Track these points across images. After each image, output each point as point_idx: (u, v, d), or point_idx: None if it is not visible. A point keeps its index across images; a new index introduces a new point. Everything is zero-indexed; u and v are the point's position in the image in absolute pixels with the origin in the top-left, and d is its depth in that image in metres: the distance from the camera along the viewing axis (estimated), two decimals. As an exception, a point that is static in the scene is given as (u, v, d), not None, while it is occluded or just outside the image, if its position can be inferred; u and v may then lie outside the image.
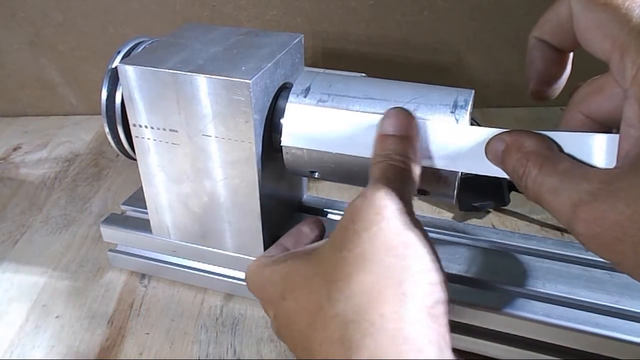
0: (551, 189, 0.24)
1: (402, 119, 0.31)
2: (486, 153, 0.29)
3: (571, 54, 0.29)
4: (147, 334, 0.42)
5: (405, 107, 0.35)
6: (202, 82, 0.35)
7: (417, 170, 0.30)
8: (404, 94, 0.35)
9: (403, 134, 0.31)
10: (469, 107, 0.34)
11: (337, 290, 0.24)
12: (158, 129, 0.38)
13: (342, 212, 0.47)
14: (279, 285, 0.28)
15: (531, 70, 0.29)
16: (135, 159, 0.41)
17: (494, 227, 0.52)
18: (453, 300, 0.27)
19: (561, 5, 0.26)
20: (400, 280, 0.24)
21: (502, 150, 0.28)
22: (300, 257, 0.28)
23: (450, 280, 0.40)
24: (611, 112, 0.26)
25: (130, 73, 0.36)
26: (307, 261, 0.27)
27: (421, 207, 0.55)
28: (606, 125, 0.27)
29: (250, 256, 0.42)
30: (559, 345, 0.36)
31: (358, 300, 0.23)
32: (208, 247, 0.43)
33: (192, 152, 0.38)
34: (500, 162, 0.28)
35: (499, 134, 0.29)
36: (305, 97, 0.37)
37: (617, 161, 0.24)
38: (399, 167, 0.29)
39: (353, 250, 0.25)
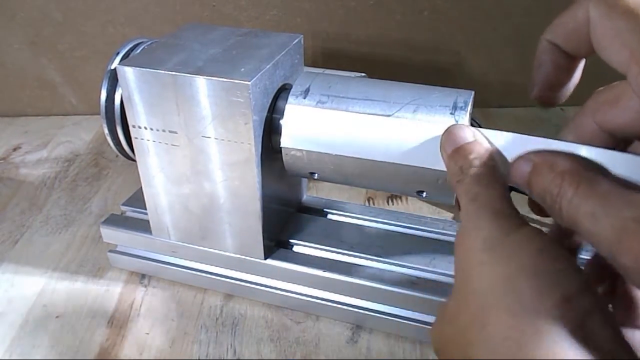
0: (589, 213, 0.21)
1: (459, 130, 0.29)
2: (510, 175, 0.27)
3: (583, 60, 0.27)
4: (147, 334, 0.42)
5: (405, 108, 0.35)
6: (202, 84, 0.35)
7: (496, 166, 0.27)
8: (404, 96, 0.35)
9: (464, 142, 0.28)
10: (469, 109, 0.34)
11: None
12: (157, 130, 0.38)
13: (341, 213, 0.47)
14: None
15: (538, 74, 0.28)
16: (134, 160, 0.42)
17: (493, 227, 0.52)
18: None
19: (578, 9, 0.25)
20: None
21: (529, 172, 0.25)
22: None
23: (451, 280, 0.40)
24: (626, 125, 0.25)
25: (129, 74, 0.36)
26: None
27: (421, 208, 0.56)
28: (619, 137, 0.26)
29: (250, 257, 0.42)
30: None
31: None
32: (208, 247, 0.43)
33: (191, 153, 0.38)
34: (526, 184, 0.25)
35: (526, 154, 0.26)
36: (304, 98, 0.37)
37: None
38: (484, 172, 0.26)
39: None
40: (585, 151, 0.25)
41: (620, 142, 0.26)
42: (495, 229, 0.23)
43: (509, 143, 0.28)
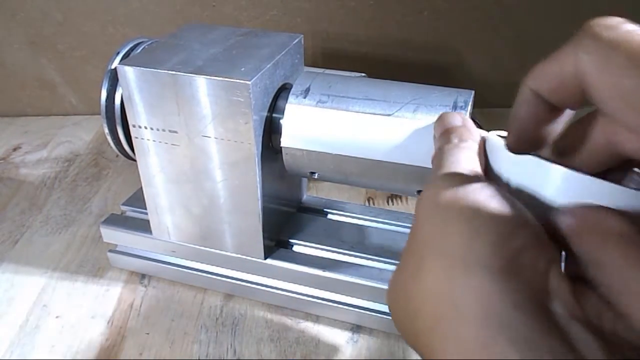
0: (629, 288, 0.18)
1: (449, 116, 0.29)
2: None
3: (569, 112, 0.24)
4: (147, 334, 0.42)
5: (405, 107, 0.35)
6: (202, 83, 0.35)
7: (474, 146, 0.26)
8: (404, 95, 0.35)
9: (451, 125, 0.29)
10: (469, 108, 0.34)
11: None
12: (158, 129, 0.38)
13: (341, 212, 0.47)
14: None
15: (515, 124, 0.25)
16: (134, 160, 0.41)
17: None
18: None
19: (565, 58, 0.21)
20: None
21: (571, 227, 0.21)
22: None
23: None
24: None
25: (129, 74, 0.36)
26: None
27: (421, 207, 0.55)
28: (624, 158, 0.23)
29: (250, 257, 0.42)
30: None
31: None
32: (208, 247, 0.43)
33: (191, 153, 0.38)
34: (569, 239, 0.22)
35: (571, 208, 0.22)
36: (304, 97, 0.37)
37: None
38: (458, 147, 0.26)
39: None
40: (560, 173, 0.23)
41: (622, 162, 0.23)
42: (445, 186, 0.23)
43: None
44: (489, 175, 0.26)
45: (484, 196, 0.22)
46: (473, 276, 0.19)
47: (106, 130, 0.43)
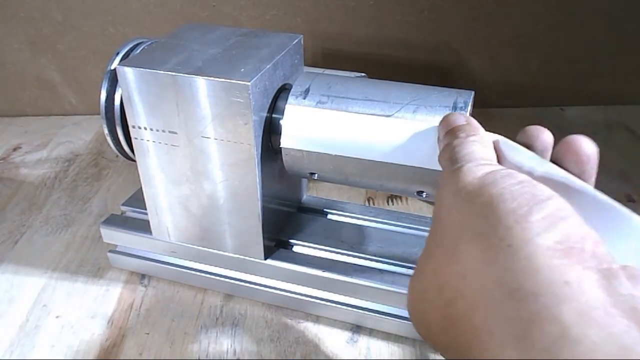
0: None
1: (453, 116, 0.30)
2: None
3: None
4: (147, 334, 0.42)
5: (405, 108, 0.35)
6: (201, 84, 0.35)
7: (483, 139, 0.27)
8: (403, 96, 0.35)
9: (456, 124, 0.29)
10: (469, 109, 0.34)
11: None
12: (157, 130, 0.38)
13: (341, 213, 0.47)
14: None
15: None
16: (134, 160, 0.42)
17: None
18: None
19: None
20: None
21: None
22: None
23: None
24: None
25: (129, 75, 0.36)
26: None
27: (421, 208, 0.56)
28: None
29: (250, 257, 0.42)
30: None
31: None
32: (208, 248, 0.43)
33: (191, 154, 0.38)
34: None
35: None
36: (304, 98, 0.37)
37: None
38: (467, 141, 0.27)
39: None
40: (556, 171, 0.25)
41: None
42: (469, 174, 0.24)
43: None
44: (506, 166, 0.27)
45: (515, 181, 0.22)
46: (520, 254, 0.19)
47: (106, 131, 0.43)
